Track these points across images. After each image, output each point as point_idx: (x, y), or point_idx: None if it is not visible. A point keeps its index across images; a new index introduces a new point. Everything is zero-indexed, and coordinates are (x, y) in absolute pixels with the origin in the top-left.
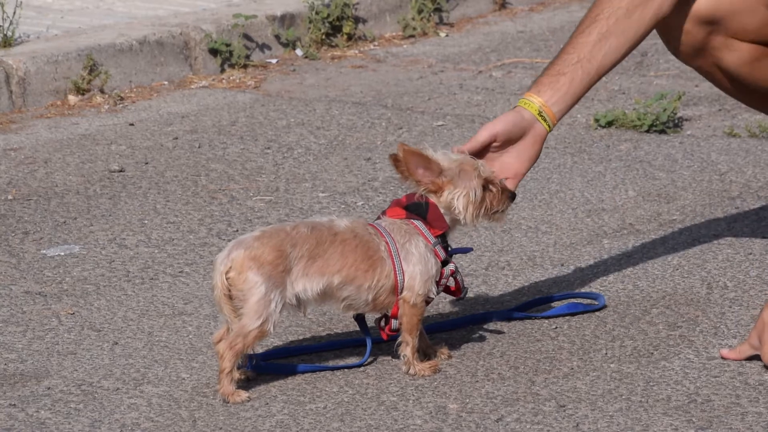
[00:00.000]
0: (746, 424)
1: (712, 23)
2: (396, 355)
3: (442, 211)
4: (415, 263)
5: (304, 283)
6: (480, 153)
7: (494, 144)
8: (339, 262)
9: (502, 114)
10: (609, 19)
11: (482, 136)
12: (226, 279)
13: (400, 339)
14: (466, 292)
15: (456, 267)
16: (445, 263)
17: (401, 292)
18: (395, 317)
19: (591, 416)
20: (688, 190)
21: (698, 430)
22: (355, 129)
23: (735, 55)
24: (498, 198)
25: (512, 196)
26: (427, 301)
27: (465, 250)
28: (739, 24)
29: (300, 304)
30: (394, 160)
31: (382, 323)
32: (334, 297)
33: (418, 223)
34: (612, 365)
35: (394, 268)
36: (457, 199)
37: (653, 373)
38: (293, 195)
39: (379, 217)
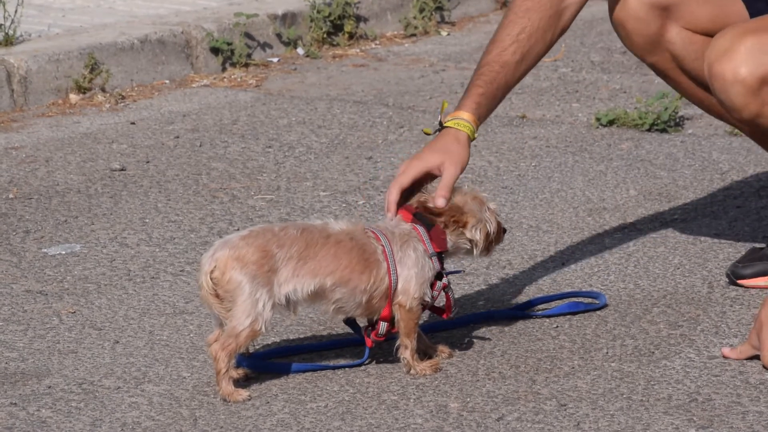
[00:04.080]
0: (747, 423)
1: (665, 9)
2: (396, 358)
3: (452, 241)
4: (410, 266)
5: (295, 284)
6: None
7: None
8: (332, 264)
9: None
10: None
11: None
12: (211, 279)
13: (398, 342)
14: (456, 312)
15: (449, 283)
16: (438, 277)
17: (395, 295)
18: (384, 320)
19: (592, 415)
20: (689, 189)
21: (699, 429)
22: (357, 128)
23: (691, 48)
24: (499, 232)
25: (505, 230)
26: (424, 305)
27: (456, 272)
28: (691, 13)
29: (289, 304)
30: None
31: (368, 330)
32: (325, 298)
33: (422, 231)
34: (613, 364)
35: (389, 271)
36: (477, 232)
37: (654, 372)
38: (294, 194)
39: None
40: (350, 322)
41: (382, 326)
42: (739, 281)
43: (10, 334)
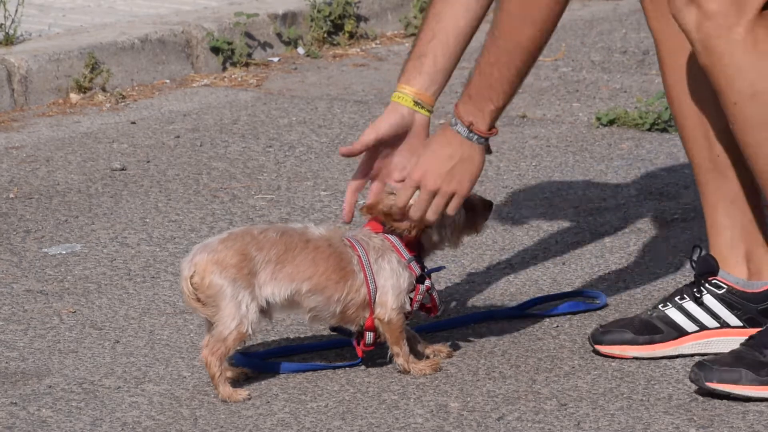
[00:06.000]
0: (747, 422)
1: None
2: (392, 363)
3: (425, 239)
4: (386, 278)
5: (273, 288)
6: (371, 156)
7: (382, 146)
8: (309, 270)
9: (382, 114)
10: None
11: (368, 137)
12: (191, 284)
13: (391, 351)
14: (443, 309)
15: (432, 284)
16: (421, 280)
17: (375, 307)
18: (369, 330)
19: (592, 415)
20: (689, 189)
21: (699, 429)
22: (357, 127)
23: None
24: (480, 212)
25: (490, 205)
26: (406, 314)
27: (437, 269)
28: None
29: (268, 308)
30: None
31: (357, 340)
32: (301, 306)
33: (394, 239)
34: (613, 364)
35: (367, 282)
36: (446, 230)
37: (654, 372)
38: (295, 193)
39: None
40: (337, 328)
41: (368, 336)
42: (597, 346)
43: (10, 334)
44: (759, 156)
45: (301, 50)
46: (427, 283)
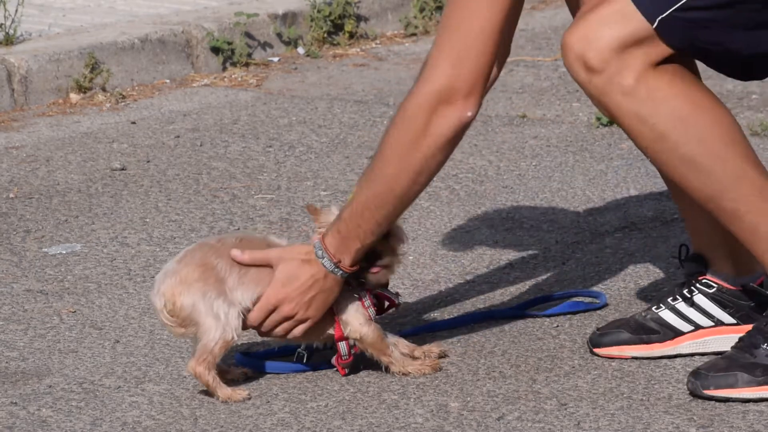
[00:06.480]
0: (747, 422)
1: None
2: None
3: None
4: (342, 297)
5: (242, 292)
6: None
7: None
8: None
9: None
10: None
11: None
12: (168, 313)
13: (382, 363)
14: (400, 300)
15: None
16: (359, 284)
17: (342, 328)
18: (341, 340)
19: (592, 414)
20: None
21: (699, 429)
22: (357, 127)
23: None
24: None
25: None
26: (376, 318)
27: (375, 269)
28: None
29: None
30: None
31: (333, 359)
32: None
33: None
34: (613, 364)
35: None
36: None
37: (654, 372)
38: (295, 193)
39: None
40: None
41: (342, 347)
42: (595, 350)
43: (10, 334)
44: (689, 189)
45: (301, 50)
46: (368, 285)
